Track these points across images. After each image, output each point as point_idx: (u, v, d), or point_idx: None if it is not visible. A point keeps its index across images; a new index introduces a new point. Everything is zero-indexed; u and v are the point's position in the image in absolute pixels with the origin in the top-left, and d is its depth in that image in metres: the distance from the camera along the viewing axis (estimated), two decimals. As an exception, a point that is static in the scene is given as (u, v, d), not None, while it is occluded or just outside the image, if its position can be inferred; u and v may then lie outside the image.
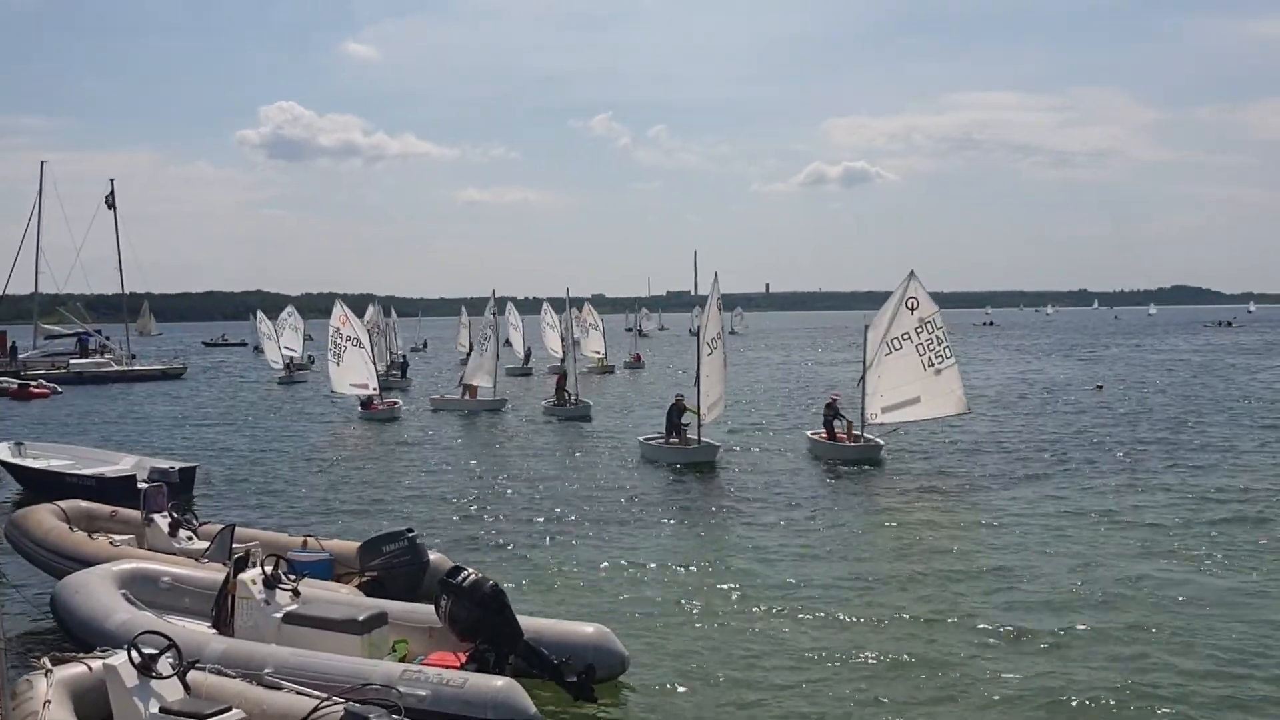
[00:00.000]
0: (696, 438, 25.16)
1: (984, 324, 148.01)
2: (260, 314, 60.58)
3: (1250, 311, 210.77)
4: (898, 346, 25.24)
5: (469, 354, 69.74)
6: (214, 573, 11.72)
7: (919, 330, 25.13)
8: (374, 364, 37.47)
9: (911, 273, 25.49)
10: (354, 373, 36.65)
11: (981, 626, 12.06)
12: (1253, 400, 37.78)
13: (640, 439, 27.02)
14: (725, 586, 14.04)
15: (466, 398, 39.60)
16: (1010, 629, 11.89)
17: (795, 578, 14.36)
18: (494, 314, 40.16)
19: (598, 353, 59.41)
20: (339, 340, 36.94)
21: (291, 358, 58.07)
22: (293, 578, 10.96)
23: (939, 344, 25.12)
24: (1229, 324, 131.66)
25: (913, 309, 25.23)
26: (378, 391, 36.99)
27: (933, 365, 25.04)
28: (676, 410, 26.13)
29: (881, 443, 25.08)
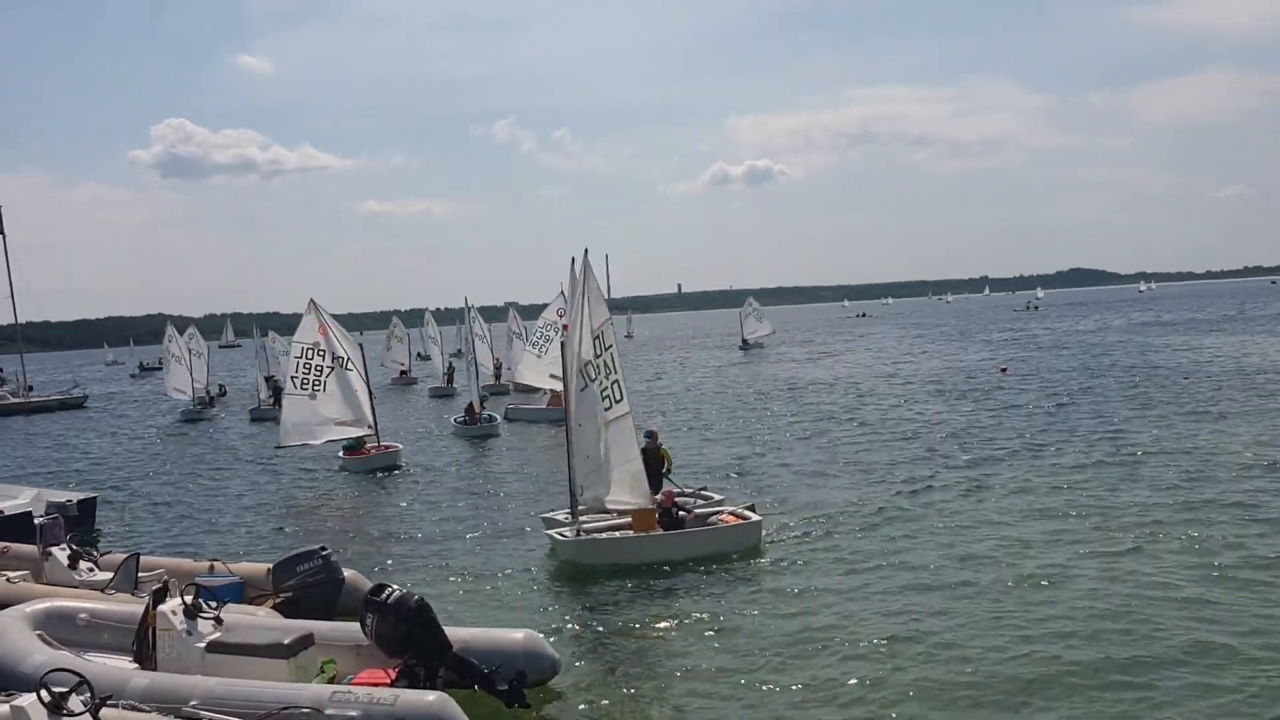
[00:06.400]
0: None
1: (858, 315, 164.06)
2: (171, 330, 51.36)
3: (1141, 291, 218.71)
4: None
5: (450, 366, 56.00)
6: (133, 606, 11.48)
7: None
8: (369, 392, 28.18)
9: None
10: (338, 406, 27.16)
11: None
12: (1127, 372, 39.58)
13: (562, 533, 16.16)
14: (653, 589, 14.18)
15: (548, 405, 33.58)
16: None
17: (724, 583, 14.50)
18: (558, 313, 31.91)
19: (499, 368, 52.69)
20: (316, 360, 27.13)
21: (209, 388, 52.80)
22: (214, 605, 10.81)
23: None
24: (1035, 307, 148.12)
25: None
26: (373, 430, 27.84)
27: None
28: (654, 456, 17.88)
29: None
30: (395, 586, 10.35)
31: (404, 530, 19.30)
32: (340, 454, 28.00)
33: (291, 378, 27.54)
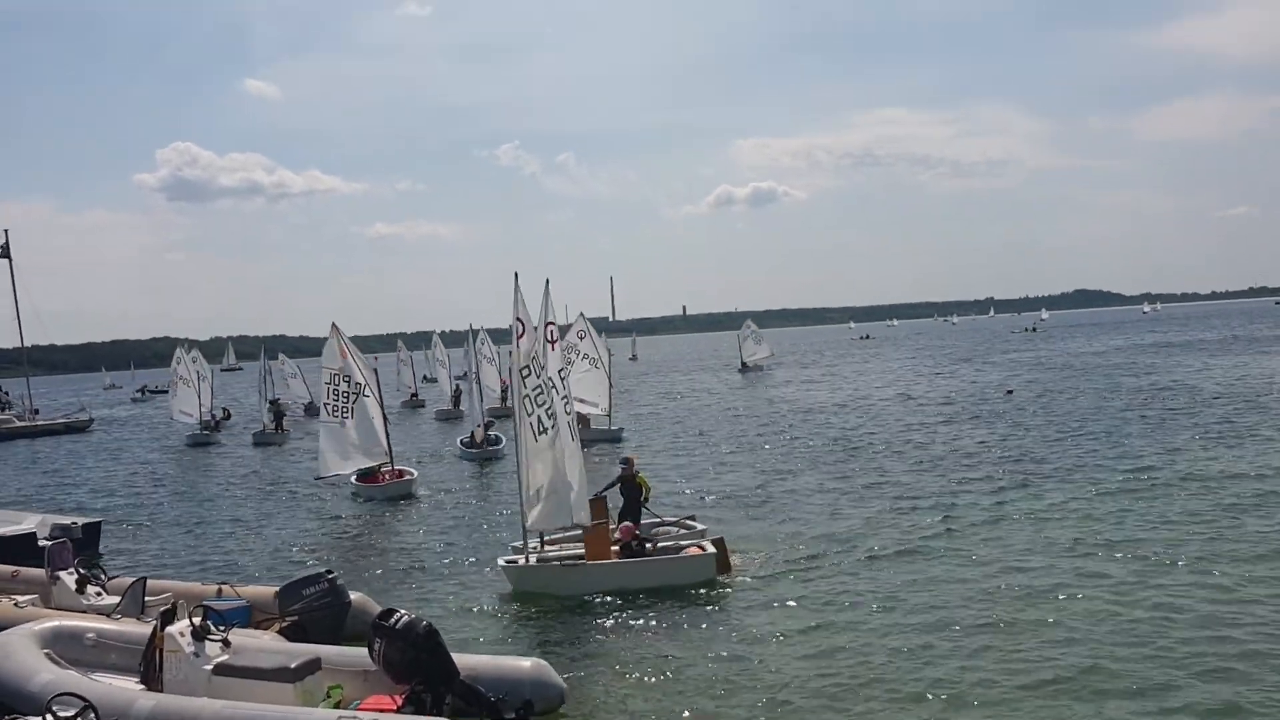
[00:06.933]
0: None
1: (861, 338, 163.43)
2: (180, 353, 50.27)
3: (1146, 312, 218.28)
4: None
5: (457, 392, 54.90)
6: (141, 627, 11.48)
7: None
8: (384, 419, 27.90)
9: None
10: (361, 433, 26.95)
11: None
12: (1132, 395, 39.41)
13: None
14: (661, 618, 14.05)
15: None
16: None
17: (733, 614, 14.33)
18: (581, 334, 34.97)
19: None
20: (342, 386, 26.87)
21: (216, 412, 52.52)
22: (223, 628, 10.78)
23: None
24: (1034, 329, 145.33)
25: None
26: (388, 458, 27.54)
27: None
28: (631, 485, 17.63)
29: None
30: (403, 611, 10.29)
31: (410, 555, 19.25)
32: (353, 479, 27.60)
33: (324, 404, 27.48)
